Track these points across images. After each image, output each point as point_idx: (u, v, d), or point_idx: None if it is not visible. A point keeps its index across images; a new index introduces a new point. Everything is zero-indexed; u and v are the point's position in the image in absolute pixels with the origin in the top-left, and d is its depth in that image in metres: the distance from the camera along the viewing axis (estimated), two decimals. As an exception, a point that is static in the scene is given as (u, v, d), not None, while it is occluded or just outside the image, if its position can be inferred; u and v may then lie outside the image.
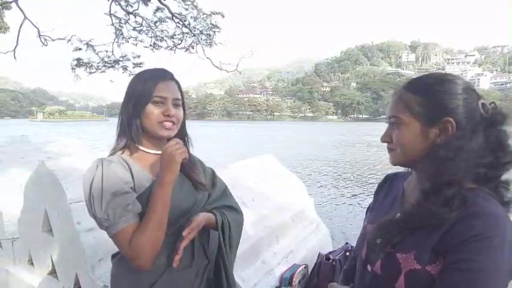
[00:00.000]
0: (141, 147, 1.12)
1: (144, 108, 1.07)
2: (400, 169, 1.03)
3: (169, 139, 1.09)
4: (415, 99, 0.83)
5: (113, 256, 1.20)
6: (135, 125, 1.08)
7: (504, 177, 0.81)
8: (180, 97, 1.14)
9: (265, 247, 1.77)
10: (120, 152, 1.11)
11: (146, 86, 1.08)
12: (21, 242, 2.49)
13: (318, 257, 1.76)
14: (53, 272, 2.28)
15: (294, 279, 1.59)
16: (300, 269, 1.68)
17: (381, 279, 0.85)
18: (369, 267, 0.90)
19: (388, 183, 1.05)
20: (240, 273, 1.40)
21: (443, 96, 0.81)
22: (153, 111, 1.07)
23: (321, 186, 14.30)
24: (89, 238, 1.99)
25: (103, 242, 2.01)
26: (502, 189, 0.80)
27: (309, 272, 1.77)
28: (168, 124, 1.09)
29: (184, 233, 1.04)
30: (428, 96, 0.82)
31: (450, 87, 0.81)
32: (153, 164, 1.11)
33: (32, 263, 2.43)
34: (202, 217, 1.11)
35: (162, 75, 1.12)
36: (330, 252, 1.78)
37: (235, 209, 1.28)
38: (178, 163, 1.04)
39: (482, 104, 0.81)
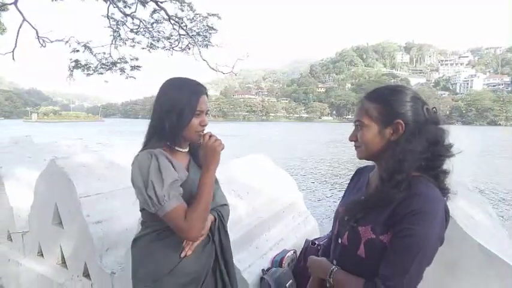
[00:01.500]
0: (176, 148, 1.31)
1: (189, 121, 1.26)
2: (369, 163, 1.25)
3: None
4: (373, 107, 1.06)
5: (134, 240, 1.36)
6: (179, 135, 1.28)
7: (445, 166, 1.03)
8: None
9: (258, 234, 1.96)
10: (159, 149, 1.27)
11: (191, 101, 1.26)
12: (31, 235, 2.63)
13: (305, 243, 1.97)
14: (62, 262, 2.44)
15: (283, 262, 1.80)
16: (290, 253, 1.88)
17: (347, 249, 1.08)
18: (339, 240, 1.12)
19: (358, 175, 1.29)
20: (236, 255, 1.59)
21: (395, 104, 1.03)
22: (195, 123, 1.28)
23: (314, 183, 14.59)
24: (97, 230, 2.15)
25: (110, 233, 2.19)
26: (442, 177, 1.02)
27: (297, 256, 1.98)
28: (202, 133, 1.30)
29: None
30: (383, 104, 1.05)
31: (400, 97, 1.04)
32: (183, 160, 1.33)
33: (41, 255, 2.58)
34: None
35: (203, 91, 1.32)
36: (316, 239, 1.97)
37: (225, 204, 1.47)
38: (220, 153, 1.27)
39: (426, 109, 1.04)
